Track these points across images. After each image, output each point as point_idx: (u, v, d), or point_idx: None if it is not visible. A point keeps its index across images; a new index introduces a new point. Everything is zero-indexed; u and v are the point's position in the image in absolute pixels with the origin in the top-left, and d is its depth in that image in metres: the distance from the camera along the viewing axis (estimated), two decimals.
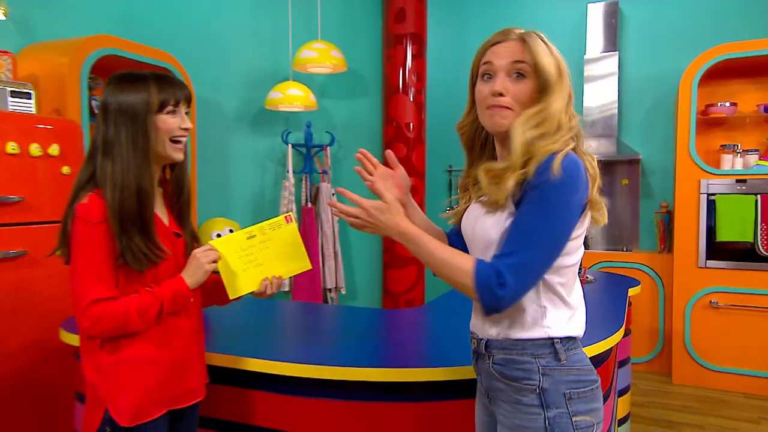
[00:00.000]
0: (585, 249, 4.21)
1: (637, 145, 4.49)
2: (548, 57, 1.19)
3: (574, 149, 1.18)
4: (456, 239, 1.39)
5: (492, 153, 1.31)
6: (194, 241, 1.50)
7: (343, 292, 4.42)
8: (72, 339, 1.84)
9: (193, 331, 1.46)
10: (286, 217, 1.45)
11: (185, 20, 3.79)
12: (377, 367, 1.53)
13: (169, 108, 1.36)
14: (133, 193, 1.31)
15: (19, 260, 2.21)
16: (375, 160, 1.38)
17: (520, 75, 1.19)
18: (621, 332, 1.91)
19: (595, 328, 1.97)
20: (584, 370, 1.20)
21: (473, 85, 1.27)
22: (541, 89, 1.19)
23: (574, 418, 1.15)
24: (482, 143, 1.33)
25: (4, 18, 2.74)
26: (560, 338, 1.18)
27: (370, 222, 1.21)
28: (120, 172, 1.31)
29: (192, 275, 1.39)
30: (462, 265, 1.13)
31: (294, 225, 1.47)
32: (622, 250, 4.40)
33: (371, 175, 1.36)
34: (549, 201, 1.10)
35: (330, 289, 4.28)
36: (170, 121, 1.36)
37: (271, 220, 1.45)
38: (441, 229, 1.44)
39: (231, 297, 1.46)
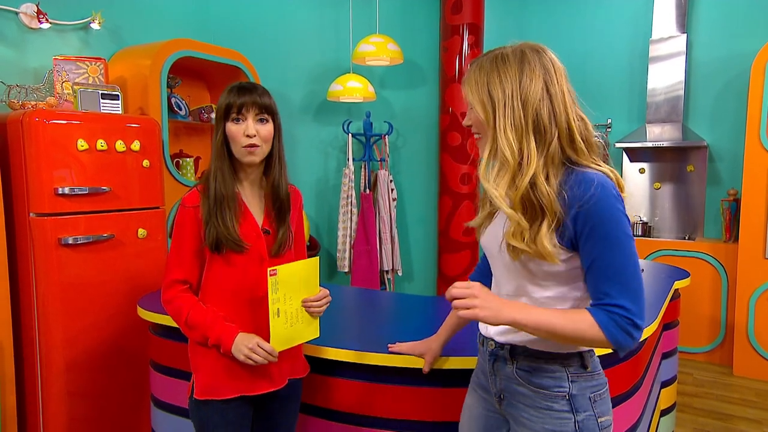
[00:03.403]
0: (647, 237, 4.13)
1: (705, 130, 4.33)
2: (475, 91, 1.18)
3: (571, 162, 1.15)
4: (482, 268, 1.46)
5: None
6: (284, 244, 1.54)
7: (400, 274, 4.62)
8: (147, 315, 2.13)
9: (266, 328, 1.49)
10: (270, 274, 1.41)
11: (254, 21, 4.06)
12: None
13: (233, 115, 1.45)
14: (214, 185, 1.47)
15: (107, 242, 2.54)
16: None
17: (470, 105, 1.21)
18: (652, 327, 1.93)
19: None
20: (600, 373, 1.25)
21: None
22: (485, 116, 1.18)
23: (599, 419, 1.21)
24: None
25: (99, 28, 3.11)
26: (587, 350, 1.23)
27: (482, 300, 1.13)
28: (210, 167, 1.50)
29: (236, 348, 1.44)
30: (586, 323, 1.11)
31: (280, 269, 1.43)
32: (685, 239, 4.29)
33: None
34: (612, 235, 1.09)
35: (387, 271, 4.49)
36: (233, 129, 1.46)
37: (269, 288, 1.42)
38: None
39: (317, 336, 1.55)
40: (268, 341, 1.46)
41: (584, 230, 1.10)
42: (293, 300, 1.47)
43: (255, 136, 1.46)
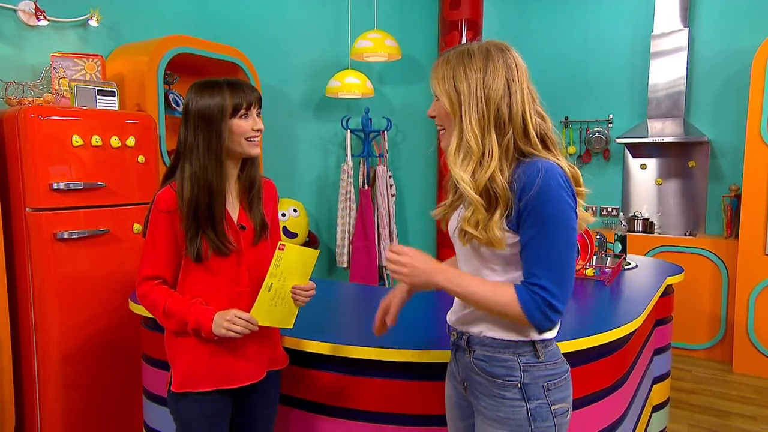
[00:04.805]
0: (648, 233, 4.16)
1: (707, 125, 4.30)
2: (441, 84, 1.22)
3: (524, 155, 1.19)
4: None
5: None
6: (263, 230, 1.58)
7: None
8: (138, 309, 2.16)
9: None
10: (279, 247, 1.47)
11: (252, 17, 4.07)
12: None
13: (242, 112, 1.48)
14: (206, 191, 1.45)
15: (102, 237, 2.58)
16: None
17: (435, 97, 1.26)
18: (636, 323, 1.91)
19: (611, 316, 2.02)
20: (558, 363, 1.29)
21: None
22: (450, 107, 1.22)
23: (552, 407, 1.25)
24: None
25: (96, 25, 3.15)
26: (540, 340, 1.26)
27: (410, 262, 1.21)
28: (197, 171, 1.45)
29: (216, 325, 1.46)
30: (507, 297, 1.18)
31: (289, 247, 1.48)
32: (686, 235, 4.26)
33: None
34: (550, 219, 1.14)
35: (385, 267, 4.51)
36: (243, 125, 1.48)
37: (273, 261, 1.47)
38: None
39: (291, 327, 1.57)
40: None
41: (524, 212, 1.16)
42: (286, 281, 1.51)
43: (261, 129, 1.52)
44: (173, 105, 3.40)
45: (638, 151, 4.57)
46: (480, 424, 1.31)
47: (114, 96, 2.82)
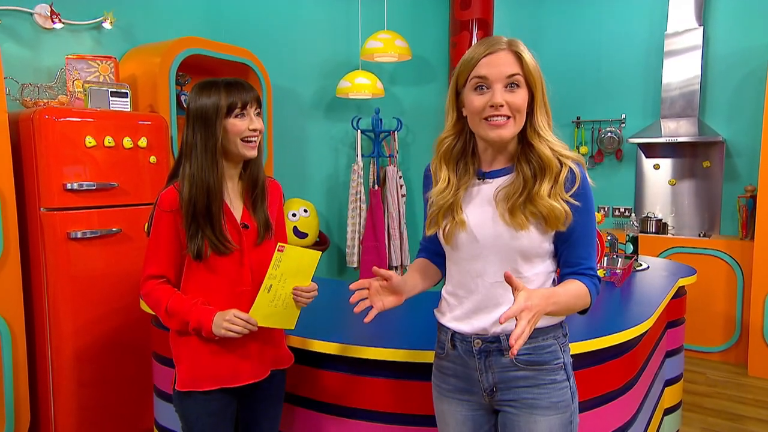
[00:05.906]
0: (661, 233, 4.16)
1: (722, 125, 4.24)
2: (537, 66, 1.24)
3: None
4: (431, 249, 1.48)
5: (467, 163, 1.36)
6: (266, 230, 1.58)
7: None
8: (149, 308, 2.19)
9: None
10: (278, 249, 1.47)
11: (263, 19, 4.10)
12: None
13: (237, 111, 1.47)
14: (203, 191, 1.45)
15: (115, 237, 2.61)
16: (366, 283, 1.33)
17: (515, 85, 1.21)
18: (646, 324, 1.89)
19: (621, 318, 1.99)
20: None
21: (456, 95, 1.30)
22: (534, 97, 1.24)
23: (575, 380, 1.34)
24: (462, 153, 1.36)
25: (110, 27, 3.19)
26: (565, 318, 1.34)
27: (536, 308, 1.11)
28: (194, 171, 1.46)
29: (215, 325, 1.46)
30: (584, 293, 1.27)
31: (288, 248, 1.48)
32: (700, 236, 4.21)
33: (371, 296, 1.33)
34: (593, 207, 1.30)
35: (396, 267, 4.51)
36: (238, 124, 1.48)
37: (272, 262, 1.47)
38: (425, 260, 1.50)
39: (292, 327, 1.57)
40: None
41: (576, 197, 1.27)
42: (286, 283, 1.50)
43: (258, 129, 1.52)
44: (185, 105, 3.43)
45: (651, 151, 4.52)
46: (525, 418, 1.27)
47: (127, 97, 2.85)
